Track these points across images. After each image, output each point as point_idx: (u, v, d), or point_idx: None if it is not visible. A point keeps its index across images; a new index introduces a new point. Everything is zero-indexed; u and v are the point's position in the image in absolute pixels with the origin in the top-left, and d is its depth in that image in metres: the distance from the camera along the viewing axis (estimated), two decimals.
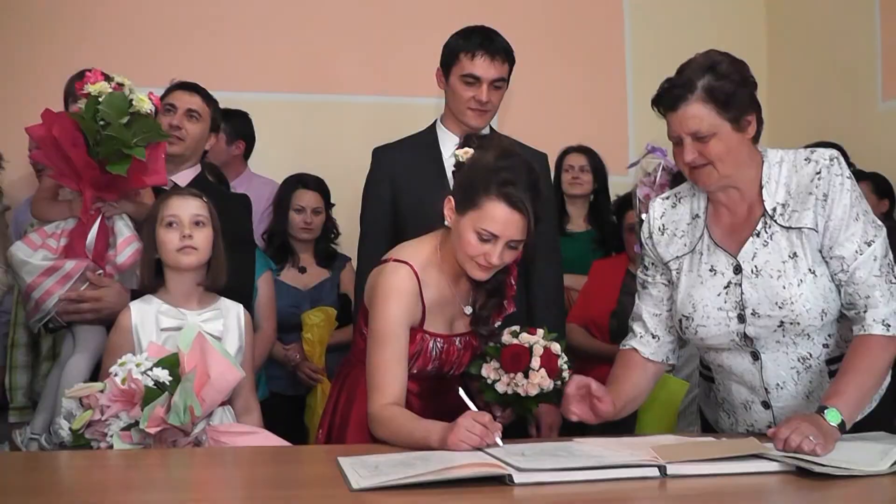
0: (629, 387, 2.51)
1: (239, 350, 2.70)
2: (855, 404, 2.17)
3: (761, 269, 2.32)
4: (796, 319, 2.29)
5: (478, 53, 3.05)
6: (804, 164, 2.33)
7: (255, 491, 1.99)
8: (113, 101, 2.75)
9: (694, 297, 2.41)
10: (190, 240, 2.66)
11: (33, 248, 2.86)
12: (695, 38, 5.27)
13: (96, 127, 2.75)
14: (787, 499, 1.86)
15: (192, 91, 3.29)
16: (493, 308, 2.59)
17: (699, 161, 2.29)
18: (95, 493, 1.91)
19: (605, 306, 3.93)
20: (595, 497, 1.81)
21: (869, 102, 4.77)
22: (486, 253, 2.37)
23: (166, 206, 2.71)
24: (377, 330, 2.42)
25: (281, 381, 4.09)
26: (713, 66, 2.28)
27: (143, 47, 4.80)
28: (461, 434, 2.11)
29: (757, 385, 2.41)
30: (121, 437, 2.35)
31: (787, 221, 2.31)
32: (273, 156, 4.81)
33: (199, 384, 2.39)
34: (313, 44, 5.09)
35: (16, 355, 3.52)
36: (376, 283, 2.49)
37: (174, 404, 2.33)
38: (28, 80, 3.04)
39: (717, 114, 2.25)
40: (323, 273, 4.28)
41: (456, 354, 2.56)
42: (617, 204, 4.26)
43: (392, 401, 2.36)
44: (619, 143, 5.28)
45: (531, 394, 2.51)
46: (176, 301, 2.69)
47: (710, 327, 2.38)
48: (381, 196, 3.11)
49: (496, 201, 2.34)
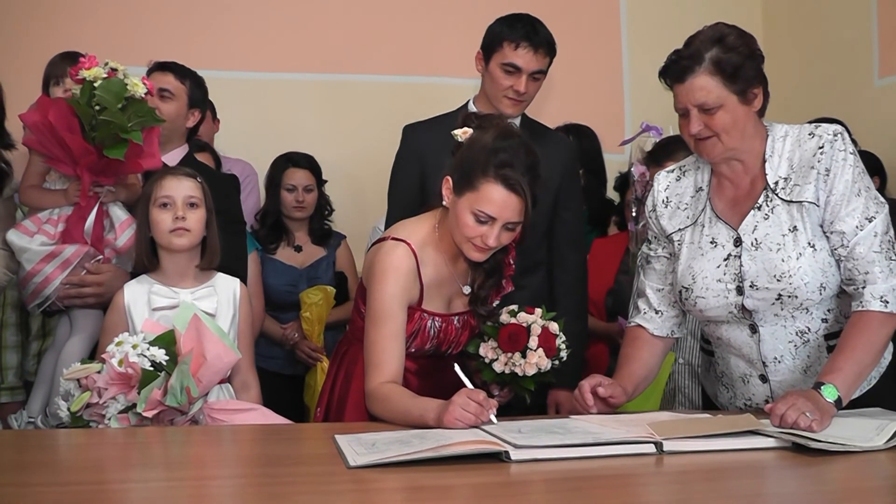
0: (638, 367, 2.53)
1: (232, 323, 2.70)
2: (852, 381, 2.18)
3: (761, 241, 2.33)
4: (794, 293, 2.30)
5: (521, 44, 3.04)
6: (808, 139, 2.33)
7: (253, 468, 1.99)
8: (109, 87, 2.75)
9: (694, 268, 2.42)
10: (182, 221, 2.66)
11: (29, 235, 2.86)
12: (690, 15, 5.27)
13: (92, 112, 2.75)
14: (784, 475, 1.86)
15: (165, 70, 3.29)
16: (491, 287, 2.59)
17: (705, 133, 2.30)
18: (93, 472, 1.91)
19: (602, 285, 3.93)
20: (592, 474, 1.81)
21: (865, 80, 4.76)
22: (483, 234, 2.37)
23: (160, 187, 2.70)
24: (375, 308, 2.42)
25: (279, 361, 4.10)
26: (721, 39, 2.28)
27: (138, 25, 4.77)
28: (457, 412, 2.11)
29: (755, 358, 2.42)
30: (118, 419, 2.36)
31: (788, 195, 2.32)
32: (268, 137, 4.78)
33: (196, 365, 2.40)
34: (337, 24, 5.06)
35: (5, 336, 3.51)
36: (374, 261, 2.49)
37: (171, 387, 2.34)
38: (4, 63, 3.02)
39: (724, 86, 2.26)
40: (319, 251, 4.28)
41: (454, 333, 2.57)
42: (618, 182, 4.24)
43: (389, 378, 2.37)
44: (615, 120, 5.27)
45: (528, 374, 2.51)
46: (170, 280, 2.70)
47: (709, 299, 2.39)
48: (409, 174, 3.09)
49: (493, 183, 2.34)
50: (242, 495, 1.73)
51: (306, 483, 1.76)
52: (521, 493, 1.74)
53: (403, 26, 5.10)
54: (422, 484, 1.72)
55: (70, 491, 1.70)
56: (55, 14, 4.72)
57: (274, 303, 4.07)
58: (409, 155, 3.16)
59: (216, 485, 1.81)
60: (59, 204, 2.90)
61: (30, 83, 3.17)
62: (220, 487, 1.78)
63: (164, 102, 3.20)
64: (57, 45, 3.68)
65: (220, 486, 1.80)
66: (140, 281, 2.70)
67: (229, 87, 4.49)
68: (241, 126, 4.56)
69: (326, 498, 1.66)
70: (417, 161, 3.08)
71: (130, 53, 3.60)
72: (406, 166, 3.14)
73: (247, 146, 4.59)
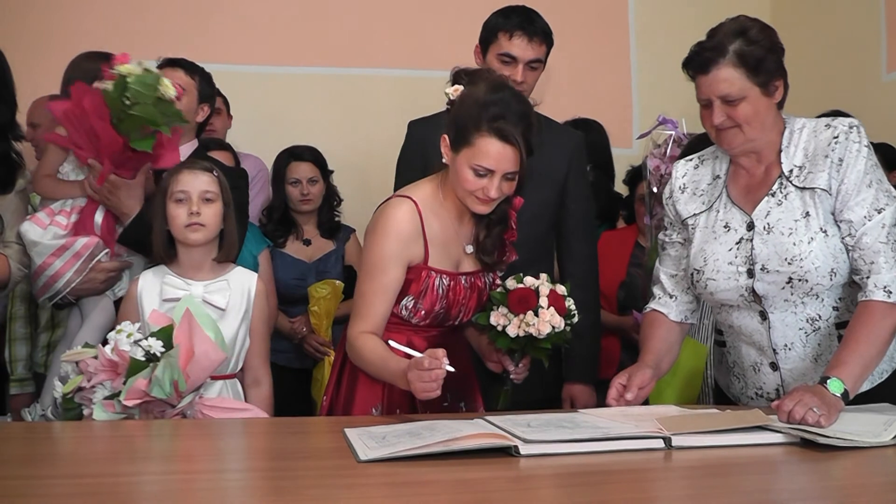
0: (656, 342, 2.57)
1: (244, 318, 2.72)
2: (858, 373, 2.19)
3: (773, 226, 2.36)
4: (804, 276, 2.32)
5: (516, 33, 3.06)
6: (824, 130, 2.37)
7: (263, 462, 2.00)
8: (144, 81, 2.82)
9: (706, 251, 2.46)
10: (198, 216, 2.68)
11: (42, 227, 2.88)
12: (698, 10, 5.28)
13: (122, 105, 2.80)
14: (792, 470, 1.87)
15: (175, 66, 3.33)
16: (497, 236, 2.60)
17: (727, 124, 2.35)
18: (103, 464, 1.92)
19: (613, 277, 3.93)
20: (600, 468, 1.82)
21: (873, 74, 4.75)
22: (484, 187, 2.41)
23: (176, 181, 2.72)
24: (371, 260, 2.48)
25: (287, 355, 4.10)
26: (744, 31, 2.33)
27: (144, 20, 4.77)
28: (417, 388, 2.21)
29: (765, 345, 2.43)
30: (103, 405, 2.37)
31: (801, 182, 2.35)
32: (275, 131, 4.78)
33: (186, 359, 2.40)
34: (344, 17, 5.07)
35: (14, 328, 3.53)
36: (377, 215, 2.52)
37: (156, 378, 2.33)
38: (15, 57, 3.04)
39: (748, 78, 2.31)
40: (328, 245, 4.28)
41: (463, 294, 2.57)
42: (629, 176, 4.25)
43: (370, 329, 2.46)
44: (623, 115, 5.27)
45: (543, 332, 2.50)
46: (186, 272, 2.72)
47: (720, 281, 2.42)
48: (413, 168, 3.10)
49: (488, 137, 2.37)
50: (253, 489, 1.74)
51: (316, 477, 1.77)
52: (530, 487, 1.74)
53: (411, 20, 5.10)
54: (430, 478, 1.72)
55: (80, 483, 1.71)
56: (60, 9, 4.73)
57: (282, 296, 4.08)
58: (413, 149, 3.18)
59: (226, 478, 1.81)
60: (75, 195, 2.93)
61: (30, 79, 3.17)
62: (230, 481, 1.79)
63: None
64: (62, 41, 3.68)
65: (231, 479, 1.81)
66: (155, 272, 2.73)
67: (235, 81, 4.47)
68: (247, 120, 4.55)
69: (336, 492, 1.67)
70: (422, 155, 3.09)
71: (133, 48, 3.59)
72: (411, 161, 3.15)
73: (254, 141, 4.59)
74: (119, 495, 1.65)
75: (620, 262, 3.96)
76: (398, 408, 2.54)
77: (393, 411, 2.53)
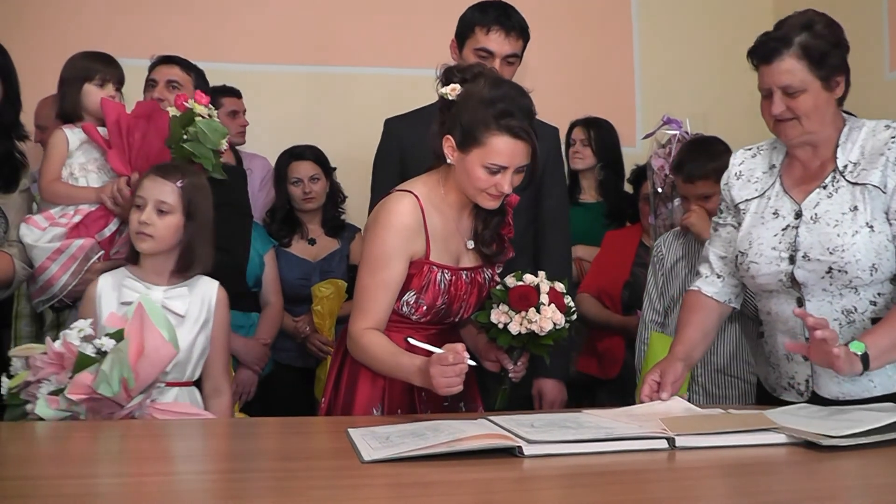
0: (692, 330, 2.59)
1: (204, 327, 2.67)
2: (885, 346, 2.23)
3: (820, 216, 2.40)
4: (844, 267, 2.35)
5: (493, 28, 3.07)
6: (883, 130, 2.41)
7: (267, 463, 2.00)
8: (211, 126, 2.94)
9: (752, 234, 2.51)
10: (146, 226, 2.62)
11: (40, 230, 2.89)
12: (702, 9, 5.29)
13: (180, 135, 2.89)
14: (795, 471, 1.86)
15: (171, 63, 3.37)
16: (496, 228, 2.61)
17: (786, 115, 2.39)
18: (107, 465, 1.93)
19: (618, 277, 3.93)
20: (604, 469, 1.82)
21: (875, 73, 4.74)
22: (497, 183, 2.43)
23: (140, 185, 2.69)
24: (373, 254, 2.47)
25: (290, 354, 4.11)
26: (810, 25, 2.37)
27: (142, 19, 4.77)
28: (442, 382, 2.21)
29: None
30: (47, 401, 2.31)
31: (854, 178, 2.39)
32: (274, 130, 4.78)
33: (135, 356, 2.34)
34: (315, 15, 5.05)
35: (19, 326, 3.54)
36: (379, 210, 2.52)
37: (102, 372, 2.27)
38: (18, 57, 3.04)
39: (810, 71, 2.34)
40: (332, 244, 4.28)
41: (464, 289, 2.57)
42: (633, 175, 4.24)
43: (373, 325, 2.45)
44: (627, 115, 5.25)
45: (545, 329, 2.51)
46: (146, 276, 2.68)
47: (762, 265, 2.46)
48: (391, 167, 3.11)
49: (499, 135, 2.39)
50: (258, 489, 1.74)
51: (320, 477, 1.77)
52: (533, 488, 1.75)
53: (412, 21, 5.09)
54: (434, 479, 1.73)
55: (84, 483, 1.71)
56: (65, 9, 4.73)
57: (287, 296, 4.08)
58: (390, 147, 3.19)
59: (231, 478, 1.81)
60: (90, 200, 2.94)
61: (29, 77, 3.18)
62: (234, 481, 1.79)
63: (172, 93, 3.24)
64: (58, 39, 3.68)
65: (235, 479, 1.81)
66: (115, 274, 2.69)
67: (237, 80, 4.48)
68: (252, 120, 4.54)
69: (341, 492, 1.67)
70: (399, 153, 3.10)
71: (121, 47, 3.61)
72: (388, 158, 3.17)
73: (259, 141, 4.60)
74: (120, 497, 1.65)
75: (624, 262, 3.96)
76: (399, 407, 2.54)
77: (394, 411, 2.53)
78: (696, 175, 3.19)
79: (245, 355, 3.75)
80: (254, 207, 3.74)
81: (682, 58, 5.34)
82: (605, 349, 3.94)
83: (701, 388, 3.21)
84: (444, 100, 2.50)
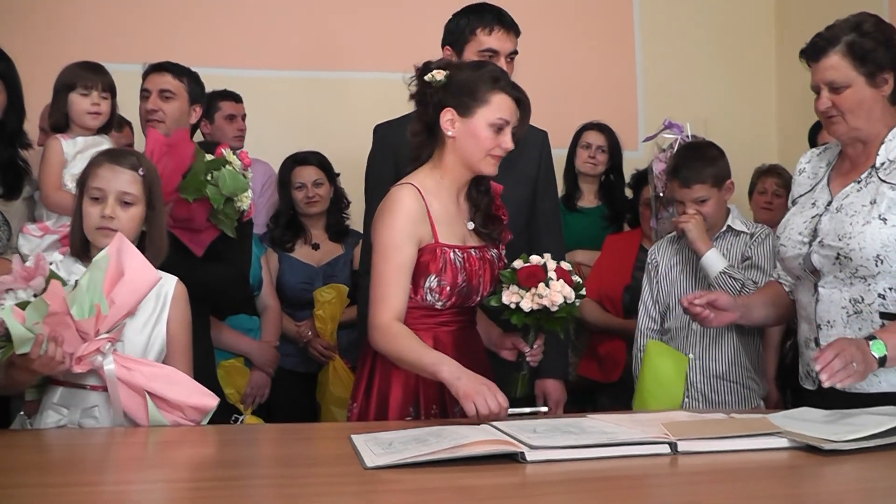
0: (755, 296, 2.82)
1: (158, 322, 2.43)
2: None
3: (844, 207, 2.46)
4: (849, 254, 2.39)
5: (495, 28, 3.11)
6: None
7: (270, 469, 2.01)
8: (234, 177, 2.99)
9: (789, 220, 2.61)
10: (110, 221, 2.43)
11: (38, 238, 2.91)
12: (703, 14, 5.29)
13: (202, 174, 2.92)
14: (798, 475, 1.87)
15: (162, 71, 3.35)
16: (487, 206, 2.68)
17: (832, 112, 2.45)
18: (114, 472, 1.93)
19: (618, 281, 3.93)
20: (606, 474, 1.83)
21: None
22: (501, 142, 2.55)
23: (95, 175, 2.47)
24: (383, 242, 2.51)
25: (292, 358, 4.10)
26: (859, 25, 2.44)
27: (145, 26, 4.78)
28: (481, 392, 2.26)
29: (812, 318, 2.52)
30: (13, 312, 2.15)
31: (885, 175, 2.44)
32: (275, 135, 4.78)
33: (111, 284, 2.24)
34: (316, 20, 5.06)
35: None
36: (382, 204, 2.57)
37: (80, 287, 2.19)
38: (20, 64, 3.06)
39: (853, 67, 2.41)
40: (336, 249, 4.27)
41: (477, 265, 2.60)
42: (634, 179, 4.24)
43: (394, 315, 2.48)
44: (628, 119, 5.25)
45: (556, 303, 2.53)
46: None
47: (788, 248, 2.56)
48: (383, 172, 3.12)
49: (500, 92, 2.55)
50: (261, 497, 1.74)
51: (323, 484, 1.78)
52: (536, 493, 1.75)
53: (411, 22, 5.09)
54: (437, 485, 1.73)
55: (85, 492, 1.72)
56: (59, 15, 4.73)
57: (289, 300, 4.09)
58: (382, 153, 3.20)
59: (234, 485, 1.81)
60: None
61: (32, 85, 3.18)
62: (237, 488, 1.79)
63: (166, 102, 3.28)
64: (52, 46, 3.68)
65: (238, 486, 1.81)
66: (65, 261, 2.46)
67: (238, 85, 4.48)
68: (253, 125, 4.55)
69: (344, 499, 1.68)
70: (392, 158, 3.10)
71: (124, 53, 3.61)
72: (380, 164, 3.17)
73: (261, 145, 4.60)
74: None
75: (625, 266, 3.96)
76: (433, 404, 2.56)
77: (429, 408, 2.55)
78: (693, 179, 3.22)
79: (258, 358, 3.77)
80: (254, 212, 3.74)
81: (684, 62, 5.35)
82: (606, 353, 3.94)
83: (700, 395, 3.21)
84: (429, 86, 2.59)
